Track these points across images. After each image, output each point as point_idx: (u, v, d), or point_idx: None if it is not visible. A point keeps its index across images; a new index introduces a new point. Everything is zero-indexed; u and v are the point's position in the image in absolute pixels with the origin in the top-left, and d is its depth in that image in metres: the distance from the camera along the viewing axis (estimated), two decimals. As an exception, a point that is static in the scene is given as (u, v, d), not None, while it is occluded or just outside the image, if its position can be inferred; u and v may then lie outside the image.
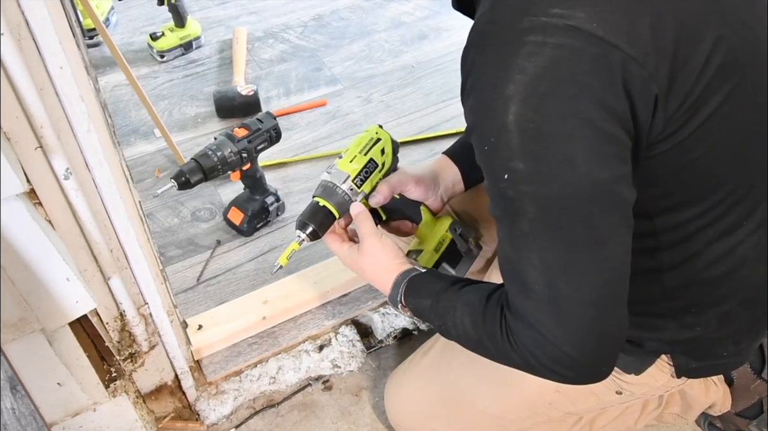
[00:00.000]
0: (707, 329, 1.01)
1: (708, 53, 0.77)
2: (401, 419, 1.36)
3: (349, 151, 1.19)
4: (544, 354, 0.84)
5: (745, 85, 0.82)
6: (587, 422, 1.32)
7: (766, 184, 0.92)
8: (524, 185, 0.78)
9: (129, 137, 2.18)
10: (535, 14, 0.73)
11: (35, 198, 0.92)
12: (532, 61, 0.73)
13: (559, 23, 0.72)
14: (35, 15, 0.78)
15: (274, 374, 1.54)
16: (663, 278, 0.96)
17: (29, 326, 0.97)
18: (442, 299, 1.00)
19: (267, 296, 1.62)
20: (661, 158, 0.82)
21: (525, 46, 0.73)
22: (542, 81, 0.73)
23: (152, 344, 1.29)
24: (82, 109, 0.89)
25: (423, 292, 1.04)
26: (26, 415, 0.81)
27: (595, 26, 0.72)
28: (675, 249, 0.93)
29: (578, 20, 0.72)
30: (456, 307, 0.97)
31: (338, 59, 2.53)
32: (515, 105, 0.74)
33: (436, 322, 1.02)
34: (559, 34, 0.72)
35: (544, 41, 0.72)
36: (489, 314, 0.90)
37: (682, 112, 0.78)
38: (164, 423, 1.48)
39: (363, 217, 1.14)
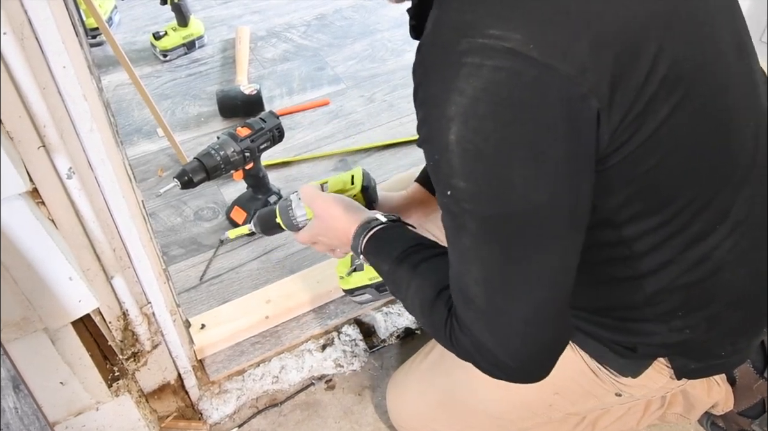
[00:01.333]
0: (697, 331, 1.00)
1: (650, 66, 0.77)
2: (403, 420, 1.36)
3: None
4: (481, 358, 0.87)
5: (693, 96, 0.82)
6: (590, 422, 1.32)
7: (731, 190, 0.91)
8: (465, 202, 0.79)
9: (132, 137, 2.18)
10: (472, 36, 0.73)
11: (38, 197, 0.92)
12: (471, 83, 0.73)
13: (497, 45, 0.72)
14: (38, 14, 0.78)
15: (277, 373, 1.54)
16: (642, 285, 0.96)
17: (32, 325, 0.97)
18: (398, 270, 1.01)
19: (270, 296, 1.62)
20: (614, 169, 0.82)
21: (464, 68, 0.73)
22: (481, 103, 0.73)
23: (155, 343, 1.29)
24: (85, 108, 0.89)
25: (381, 254, 1.06)
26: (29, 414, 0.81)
27: (531, 48, 0.72)
28: (648, 257, 0.93)
29: (515, 42, 0.72)
30: (410, 285, 0.98)
31: (341, 58, 2.53)
32: (456, 126, 0.75)
33: (391, 287, 1.05)
34: (496, 56, 0.72)
35: (482, 63, 0.72)
36: (437, 309, 0.93)
37: (627, 124, 0.78)
38: (167, 423, 1.48)
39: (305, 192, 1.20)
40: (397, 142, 2.16)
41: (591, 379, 1.12)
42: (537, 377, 0.89)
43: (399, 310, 1.65)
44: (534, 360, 0.87)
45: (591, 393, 1.15)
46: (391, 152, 2.15)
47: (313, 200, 1.17)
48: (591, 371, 1.11)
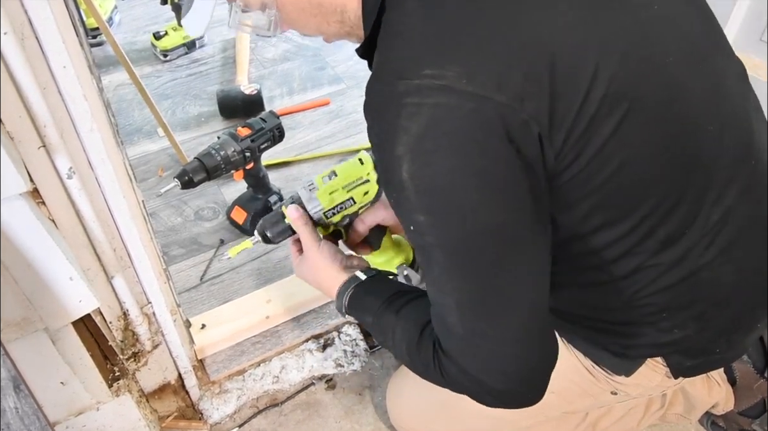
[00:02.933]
0: (685, 331, 1.00)
1: (587, 87, 0.79)
2: (402, 420, 1.36)
3: (334, 182, 1.20)
4: (473, 387, 0.89)
5: (639, 109, 0.83)
6: (590, 423, 1.31)
7: (697, 192, 0.91)
8: (427, 235, 0.82)
9: (132, 136, 2.18)
10: (409, 77, 0.76)
11: (38, 197, 0.92)
12: (414, 121, 0.76)
13: (432, 84, 0.75)
14: (38, 14, 0.78)
15: (278, 373, 1.54)
16: (621, 288, 0.96)
17: (32, 325, 0.97)
18: (382, 319, 1.04)
19: (270, 296, 1.62)
20: (568, 185, 0.84)
21: (405, 108, 0.76)
22: (426, 139, 0.76)
23: (155, 343, 1.29)
24: (85, 108, 0.89)
25: (365, 308, 1.09)
26: (29, 414, 0.81)
27: (464, 83, 0.74)
28: (620, 262, 0.93)
29: (448, 79, 0.75)
30: (395, 331, 1.01)
31: (341, 58, 2.53)
32: (406, 163, 0.77)
33: (379, 338, 1.09)
34: (433, 95, 0.75)
35: (421, 102, 0.75)
36: (423, 347, 0.95)
37: (571, 144, 0.80)
38: (167, 422, 1.48)
39: (300, 223, 1.19)
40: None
41: (586, 378, 1.12)
42: (531, 399, 0.91)
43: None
44: (524, 382, 0.89)
45: (587, 391, 1.15)
46: (392, 151, 2.14)
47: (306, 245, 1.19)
48: (586, 369, 1.11)
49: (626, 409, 1.32)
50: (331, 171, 1.22)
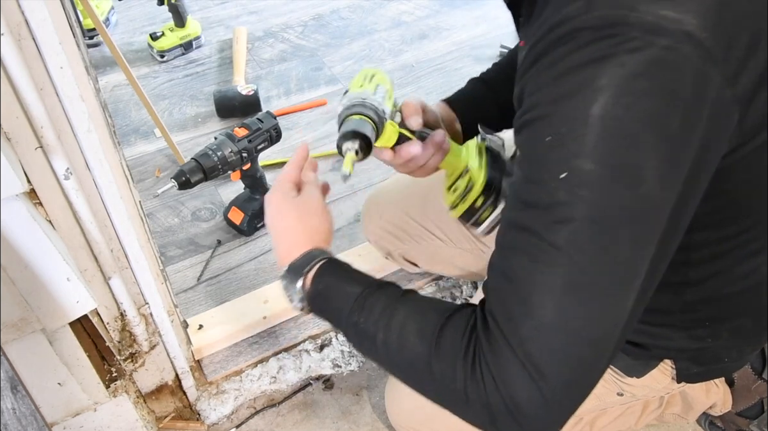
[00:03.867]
0: (717, 341, 1.01)
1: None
2: (401, 419, 1.36)
3: (353, 85, 1.07)
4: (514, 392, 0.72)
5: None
6: (588, 422, 1.32)
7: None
8: (584, 188, 0.69)
9: (129, 137, 2.18)
10: (644, 12, 0.67)
11: (35, 198, 0.92)
12: (635, 57, 0.67)
13: (671, 26, 0.67)
14: (35, 15, 0.78)
15: (275, 373, 1.54)
16: (686, 293, 0.95)
17: (30, 326, 0.97)
18: (379, 295, 0.86)
19: (267, 296, 1.62)
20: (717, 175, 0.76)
21: (630, 42, 0.67)
22: (641, 80, 0.67)
23: (153, 344, 1.29)
24: (83, 109, 0.89)
25: (351, 278, 0.90)
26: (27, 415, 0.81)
27: (705, 37, 0.67)
28: (702, 266, 0.91)
29: (691, 26, 0.66)
30: (398, 309, 0.83)
31: (338, 59, 2.53)
32: (605, 98, 0.67)
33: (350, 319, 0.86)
34: (669, 37, 0.67)
35: (652, 41, 0.67)
36: (451, 328, 0.78)
37: (744, 133, 0.74)
38: (165, 423, 1.48)
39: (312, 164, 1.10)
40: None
41: None
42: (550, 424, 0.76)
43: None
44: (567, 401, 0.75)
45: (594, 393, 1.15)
46: (389, 152, 2.14)
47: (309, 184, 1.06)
48: None
49: (624, 408, 1.32)
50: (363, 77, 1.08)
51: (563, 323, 0.71)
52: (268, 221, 1.03)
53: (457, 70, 2.45)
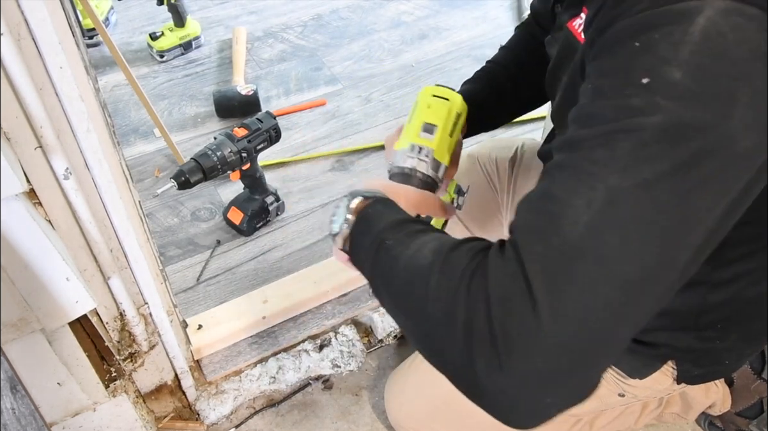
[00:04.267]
0: (724, 342, 1.00)
1: None
2: (401, 419, 1.36)
3: (440, 131, 0.99)
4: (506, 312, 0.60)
5: None
6: (587, 422, 1.32)
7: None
8: (666, 98, 0.59)
9: (129, 137, 2.18)
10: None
11: (35, 198, 0.92)
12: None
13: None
14: (35, 15, 0.78)
15: (274, 373, 1.54)
16: (709, 293, 0.94)
17: (29, 326, 0.97)
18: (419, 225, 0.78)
19: (267, 296, 1.62)
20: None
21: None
22: (754, 6, 0.59)
23: (152, 344, 1.29)
24: (82, 109, 0.89)
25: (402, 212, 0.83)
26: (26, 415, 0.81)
27: None
28: (734, 265, 0.90)
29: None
30: (427, 233, 0.75)
31: (338, 59, 2.53)
32: (712, 11, 0.59)
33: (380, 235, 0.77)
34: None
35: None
36: (467, 244, 0.69)
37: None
38: (164, 423, 1.48)
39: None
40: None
41: None
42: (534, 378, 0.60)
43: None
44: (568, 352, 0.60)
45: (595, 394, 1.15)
46: (388, 152, 2.15)
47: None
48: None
49: (623, 408, 1.32)
50: (422, 124, 1.00)
51: (592, 244, 0.59)
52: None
53: (456, 70, 2.45)
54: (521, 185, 1.36)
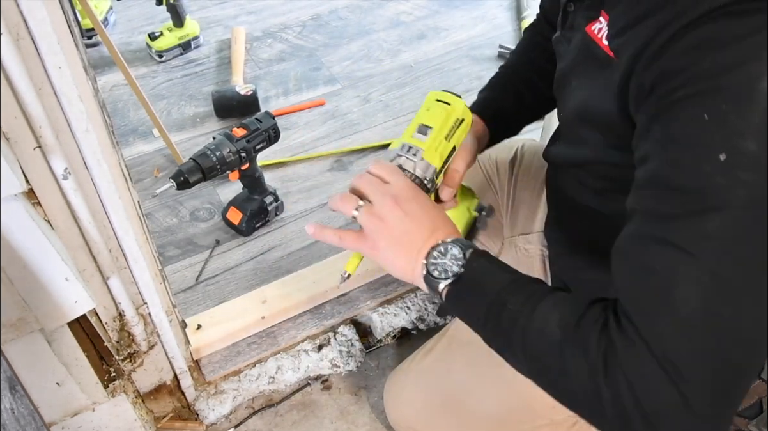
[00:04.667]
0: None
1: None
2: (401, 419, 1.36)
3: (434, 133, 0.99)
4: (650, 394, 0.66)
5: None
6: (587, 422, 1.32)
7: None
8: (746, 172, 0.62)
9: (128, 137, 2.18)
10: None
11: (34, 198, 0.92)
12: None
13: None
14: (34, 15, 0.78)
15: (273, 373, 1.54)
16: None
17: (28, 326, 0.97)
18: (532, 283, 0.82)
19: (266, 296, 1.62)
20: None
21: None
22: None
23: (151, 344, 1.29)
24: (81, 109, 0.89)
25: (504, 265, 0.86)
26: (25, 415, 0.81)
27: None
28: None
29: None
30: (545, 299, 0.78)
31: (337, 59, 2.53)
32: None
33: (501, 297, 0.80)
34: None
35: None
36: (588, 318, 0.73)
37: None
38: (163, 423, 1.48)
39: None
40: (392, 142, 2.16)
41: None
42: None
43: (395, 310, 1.65)
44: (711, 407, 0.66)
45: None
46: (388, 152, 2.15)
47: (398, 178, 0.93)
48: None
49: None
50: (418, 125, 1.00)
51: (710, 318, 0.64)
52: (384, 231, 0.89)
53: (455, 70, 2.45)
54: (521, 186, 1.36)
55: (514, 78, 1.25)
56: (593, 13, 0.87)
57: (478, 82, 2.37)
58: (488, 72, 2.42)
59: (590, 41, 0.87)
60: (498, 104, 1.21)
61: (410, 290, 1.68)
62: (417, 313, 1.66)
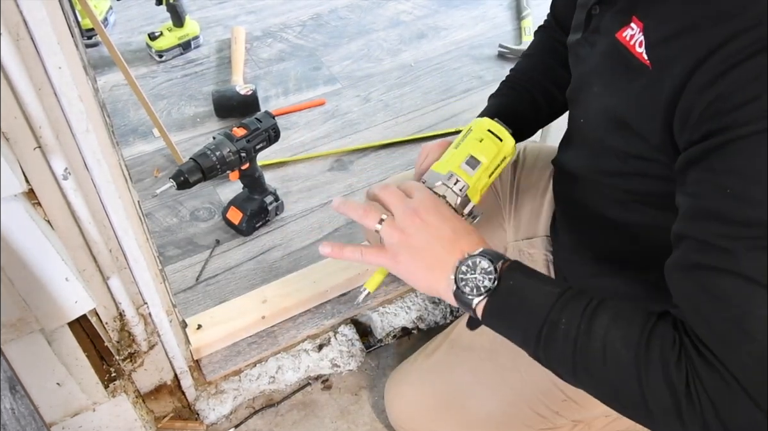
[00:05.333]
0: None
1: None
2: (402, 419, 1.36)
3: (482, 169, 0.99)
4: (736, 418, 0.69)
5: None
6: (586, 423, 1.31)
7: None
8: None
9: (128, 137, 2.18)
10: None
11: (34, 198, 0.92)
12: None
13: None
14: (33, 15, 0.78)
15: (274, 373, 1.54)
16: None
17: (28, 326, 0.97)
18: (580, 296, 0.80)
19: (266, 296, 1.62)
20: None
21: None
22: None
23: (151, 344, 1.29)
24: (81, 109, 0.89)
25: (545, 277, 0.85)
26: (25, 415, 0.81)
27: None
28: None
29: None
30: (599, 314, 0.78)
31: (337, 58, 2.53)
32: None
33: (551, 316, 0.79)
34: None
35: None
36: (657, 338, 0.74)
37: None
38: (164, 423, 1.48)
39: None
40: (393, 141, 2.16)
41: None
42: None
43: (395, 310, 1.65)
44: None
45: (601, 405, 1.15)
46: (388, 151, 2.15)
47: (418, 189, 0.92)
48: None
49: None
50: (467, 156, 0.98)
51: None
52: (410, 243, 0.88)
53: (455, 69, 2.45)
54: (524, 189, 1.35)
55: (527, 83, 1.24)
56: (624, 18, 0.85)
57: (478, 82, 2.38)
58: (488, 72, 2.43)
59: (621, 47, 0.85)
60: (512, 111, 1.20)
61: (410, 290, 1.68)
62: (417, 313, 1.66)
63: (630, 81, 0.83)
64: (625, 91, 0.85)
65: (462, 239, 0.87)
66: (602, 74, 0.92)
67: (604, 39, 0.90)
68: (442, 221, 0.88)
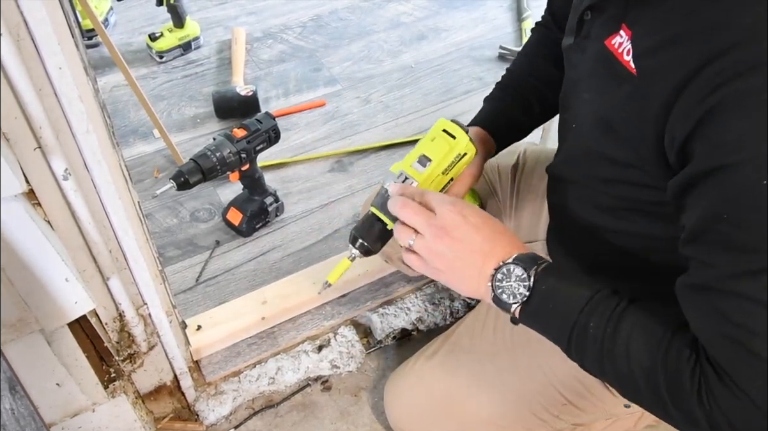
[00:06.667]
0: None
1: None
2: (401, 421, 1.36)
3: (432, 166, 1.02)
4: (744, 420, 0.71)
5: None
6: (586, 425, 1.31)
7: None
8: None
9: (128, 138, 2.18)
10: None
11: (34, 199, 0.92)
12: None
13: None
14: (34, 15, 0.78)
15: (273, 374, 1.54)
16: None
17: (28, 326, 0.97)
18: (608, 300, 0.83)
19: (266, 297, 1.62)
20: None
21: None
22: None
23: (151, 344, 1.29)
24: (81, 109, 0.89)
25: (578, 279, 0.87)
26: (25, 416, 0.81)
27: None
28: None
29: None
30: (624, 319, 0.81)
31: (337, 60, 2.53)
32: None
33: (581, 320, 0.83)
34: None
35: None
36: (674, 349, 0.77)
37: None
38: (163, 424, 1.48)
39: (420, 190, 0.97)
40: (393, 143, 2.16)
41: (601, 391, 1.12)
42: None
43: (395, 311, 1.65)
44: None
45: (604, 404, 1.15)
46: (388, 153, 2.15)
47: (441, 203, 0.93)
48: (602, 384, 1.11)
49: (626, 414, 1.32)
50: (419, 155, 1.02)
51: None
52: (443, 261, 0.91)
53: (455, 71, 2.45)
54: (524, 192, 1.35)
55: (521, 86, 1.24)
56: (613, 26, 0.85)
57: (479, 83, 2.38)
58: (489, 73, 2.43)
59: (609, 55, 0.85)
60: (506, 116, 1.21)
61: (410, 292, 1.68)
62: (417, 314, 1.66)
63: (617, 88, 0.83)
64: (613, 98, 0.85)
65: (495, 246, 0.89)
66: (592, 81, 0.92)
67: (593, 45, 0.90)
68: (472, 232, 0.90)
